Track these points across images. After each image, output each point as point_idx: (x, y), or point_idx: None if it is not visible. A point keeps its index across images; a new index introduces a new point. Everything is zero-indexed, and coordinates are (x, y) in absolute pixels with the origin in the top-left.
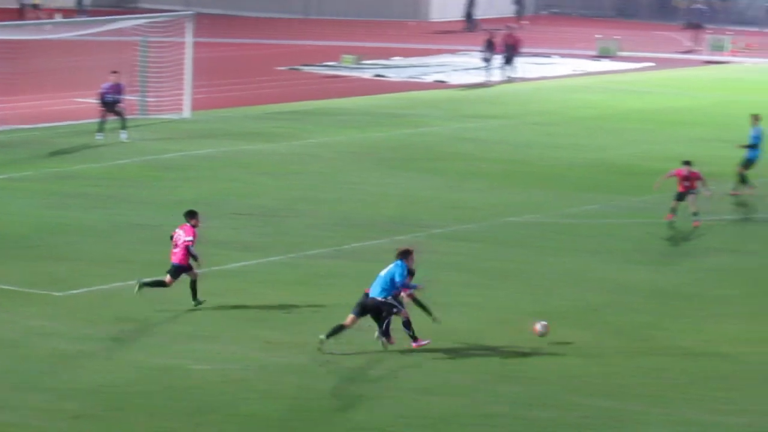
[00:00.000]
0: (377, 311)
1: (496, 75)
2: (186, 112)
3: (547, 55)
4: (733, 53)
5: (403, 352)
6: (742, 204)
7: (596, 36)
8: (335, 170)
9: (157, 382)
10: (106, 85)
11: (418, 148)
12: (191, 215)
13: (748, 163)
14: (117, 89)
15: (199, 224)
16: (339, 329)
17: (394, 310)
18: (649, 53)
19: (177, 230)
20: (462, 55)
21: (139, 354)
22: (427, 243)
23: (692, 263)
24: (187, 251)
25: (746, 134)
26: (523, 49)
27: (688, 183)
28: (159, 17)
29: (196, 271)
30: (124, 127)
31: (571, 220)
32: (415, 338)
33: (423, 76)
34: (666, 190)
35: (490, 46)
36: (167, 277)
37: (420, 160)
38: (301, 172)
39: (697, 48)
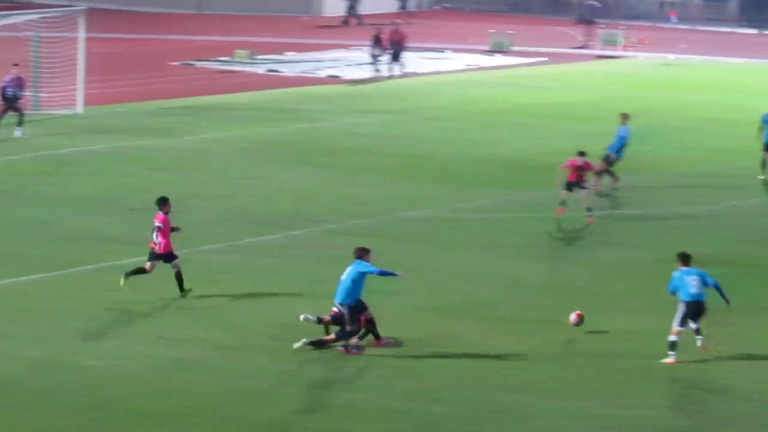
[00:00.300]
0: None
1: (385, 71)
2: (79, 108)
3: (441, 50)
4: (626, 48)
5: (297, 349)
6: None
7: (489, 31)
8: (229, 166)
9: (49, 378)
10: (7, 78)
11: (312, 143)
12: (162, 202)
13: (609, 160)
14: (19, 83)
15: (171, 210)
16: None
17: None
18: (542, 48)
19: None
20: (355, 50)
21: (31, 351)
22: (321, 238)
23: (584, 258)
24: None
25: (629, 131)
26: (411, 45)
27: (581, 173)
28: (51, 12)
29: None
30: (20, 124)
31: (465, 215)
32: (377, 336)
33: (316, 71)
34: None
35: (377, 42)
36: (147, 264)
37: (313, 155)
38: (194, 167)
39: (589, 43)
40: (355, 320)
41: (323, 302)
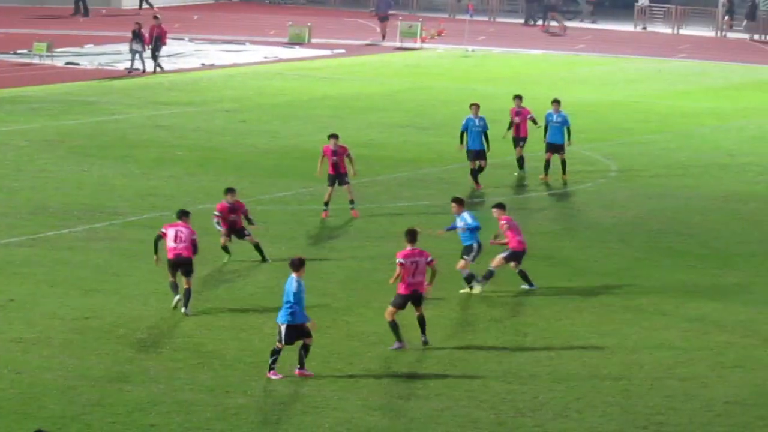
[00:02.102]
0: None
1: (145, 66)
2: None
3: (241, 42)
4: (424, 40)
5: (98, 340)
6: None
7: (288, 23)
8: (28, 158)
9: None
10: None
11: (112, 135)
12: (229, 191)
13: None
14: None
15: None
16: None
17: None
18: (341, 40)
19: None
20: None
21: None
22: (122, 231)
23: (379, 248)
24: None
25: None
26: (212, 37)
27: (338, 159)
28: None
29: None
30: None
31: (266, 207)
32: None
33: (115, 64)
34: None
35: (137, 37)
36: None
37: (114, 148)
38: None
39: (385, 39)
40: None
41: (120, 297)
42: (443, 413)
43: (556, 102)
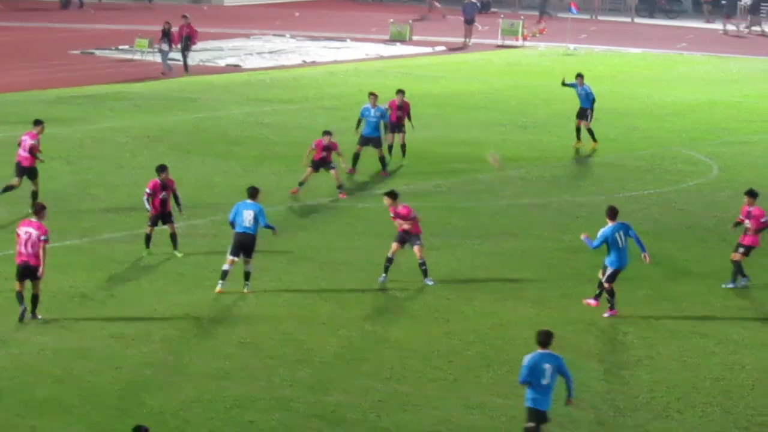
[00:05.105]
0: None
1: (173, 67)
2: None
3: (342, 40)
4: (526, 38)
5: (199, 337)
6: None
7: (389, 21)
8: (129, 155)
9: None
10: None
11: (213, 132)
12: (161, 169)
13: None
14: None
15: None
16: None
17: None
18: (442, 38)
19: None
20: (256, 39)
21: None
22: (222, 228)
23: (484, 247)
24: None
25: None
26: (314, 34)
27: (326, 153)
28: None
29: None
30: None
31: (367, 204)
32: None
33: (217, 60)
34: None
35: (166, 36)
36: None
37: (214, 145)
38: (94, 156)
39: (469, 43)
40: None
41: (219, 293)
42: None
43: (580, 76)
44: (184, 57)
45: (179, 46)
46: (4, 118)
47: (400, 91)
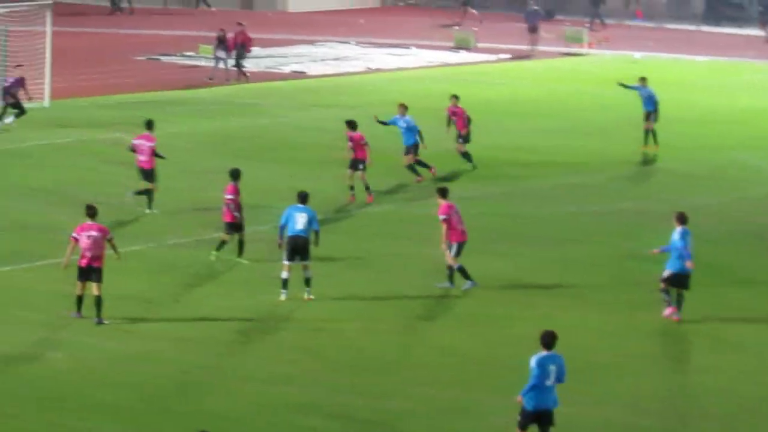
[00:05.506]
0: None
1: (228, 74)
2: (45, 101)
3: (406, 47)
4: (591, 45)
5: (262, 342)
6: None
7: (454, 27)
8: (193, 160)
9: (8, 371)
10: (10, 79)
11: (275, 137)
12: (235, 175)
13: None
14: (22, 83)
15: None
16: None
17: None
18: (506, 45)
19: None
20: (320, 46)
21: None
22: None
23: (546, 253)
24: (228, 209)
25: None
26: (377, 41)
27: (361, 150)
28: (18, 6)
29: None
30: (18, 115)
31: (421, 211)
32: None
33: (281, 67)
34: (522, 179)
35: (222, 43)
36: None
37: (277, 150)
38: (159, 161)
39: (534, 51)
40: None
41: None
42: (609, 421)
43: (643, 79)
44: (239, 64)
45: (234, 52)
46: (70, 122)
47: (454, 96)
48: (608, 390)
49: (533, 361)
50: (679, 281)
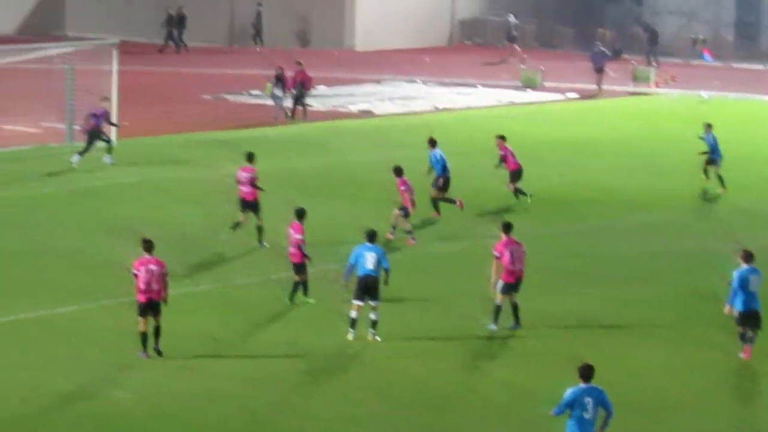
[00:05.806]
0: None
1: (287, 112)
2: (113, 139)
3: (473, 85)
4: (658, 84)
5: (328, 381)
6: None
7: (520, 66)
8: (260, 198)
9: (77, 410)
10: (99, 110)
11: (341, 175)
12: (300, 214)
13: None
14: (107, 117)
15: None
16: None
17: None
18: (573, 84)
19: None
20: (387, 84)
21: (60, 382)
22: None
23: (612, 292)
24: (299, 249)
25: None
26: (445, 80)
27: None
28: (85, 45)
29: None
30: (110, 151)
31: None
32: None
33: (348, 105)
34: (582, 219)
35: (279, 81)
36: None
37: (344, 188)
38: (224, 200)
39: (600, 92)
40: None
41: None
42: None
43: (708, 125)
44: (301, 103)
45: (293, 91)
46: (137, 160)
47: (500, 137)
48: (676, 428)
49: (567, 392)
50: (750, 320)
